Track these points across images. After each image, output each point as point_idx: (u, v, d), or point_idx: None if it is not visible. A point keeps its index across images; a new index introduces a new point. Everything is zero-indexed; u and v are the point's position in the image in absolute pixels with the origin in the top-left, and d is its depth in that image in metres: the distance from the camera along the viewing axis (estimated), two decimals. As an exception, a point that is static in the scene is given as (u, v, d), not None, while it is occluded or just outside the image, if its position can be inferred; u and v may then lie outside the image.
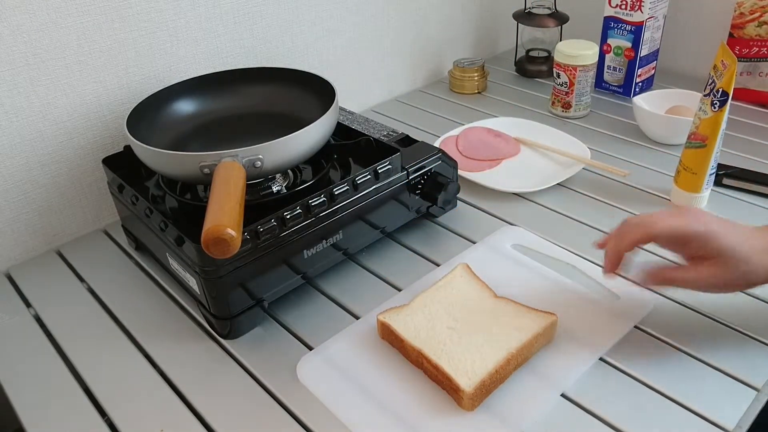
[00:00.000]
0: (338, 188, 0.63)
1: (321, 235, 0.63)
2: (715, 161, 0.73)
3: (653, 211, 0.56)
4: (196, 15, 0.81)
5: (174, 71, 0.81)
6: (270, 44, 0.90)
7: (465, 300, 0.61)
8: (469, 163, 0.88)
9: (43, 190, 0.75)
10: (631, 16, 1.00)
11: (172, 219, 0.62)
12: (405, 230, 0.75)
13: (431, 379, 0.55)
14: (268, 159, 0.59)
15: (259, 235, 0.58)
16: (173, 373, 0.59)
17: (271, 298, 0.62)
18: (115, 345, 0.63)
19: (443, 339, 0.56)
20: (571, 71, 0.98)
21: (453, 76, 1.13)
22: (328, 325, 0.63)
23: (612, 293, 0.64)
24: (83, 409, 0.56)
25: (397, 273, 0.69)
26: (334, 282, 0.68)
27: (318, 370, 0.57)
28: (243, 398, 0.56)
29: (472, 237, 0.75)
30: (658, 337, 0.59)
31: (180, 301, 0.67)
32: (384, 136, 0.77)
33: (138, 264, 0.74)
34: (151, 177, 0.72)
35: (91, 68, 0.74)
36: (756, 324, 0.60)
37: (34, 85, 0.70)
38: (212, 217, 0.48)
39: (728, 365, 0.56)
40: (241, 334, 0.62)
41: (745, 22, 0.99)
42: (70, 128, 0.75)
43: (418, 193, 0.72)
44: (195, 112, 0.76)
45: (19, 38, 0.68)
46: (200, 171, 0.58)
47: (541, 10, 1.13)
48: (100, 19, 0.73)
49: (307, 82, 0.74)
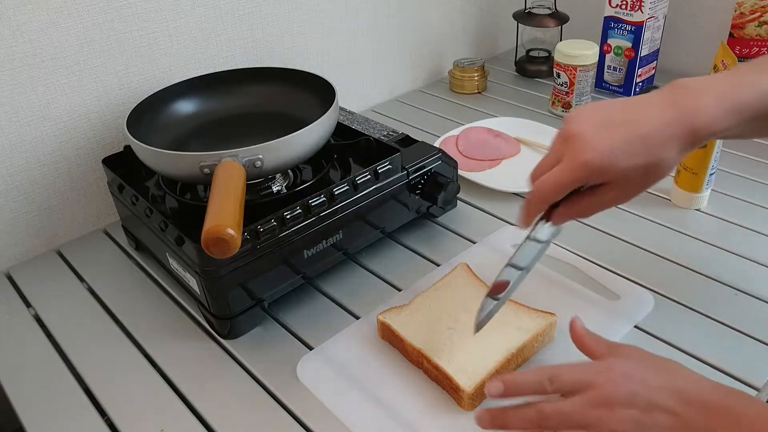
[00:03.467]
0: (338, 188, 0.63)
1: (321, 235, 0.63)
2: (716, 161, 0.73)
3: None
4: (196, 15, 0.81)
5: (174, 71, 0.81)
6: (270, 44, 0.90)
7: (465, 300, 0.61)
8: (469, 163, 0.88)
9: (43, 190, 0.75)
10: (631, 16, 1.00)
11: (172, 219, 0.62)
12: (405, 230, 0.75)
13: (431, 379, 0.55)
14: (268, 159, 0.59)
15: (259, 235, 0.58)
16: (173, 373, 0.59)
17: (271, 298, 0.62)
18: (115, 345, 0.63)
19: (443, 339, 0.56)
20: (571, 71, 0.98)
21: (453, 76, 1.13)
22: (328, 325, 0.62)
23: (612, 293, 0.64)
24: (83, 409, 0.56)
25: (397, 273, 0.69)
26: (334, 282, 0.68)
27: (318, 370, 0.57)
28: (243, 398, 0.56)
29: (472, 237, 0.74)
30: (658, 337, 0.59)
31: (180, 301, 0.67)
32: (384, 136, 0.77)
33: (138, 264, 0.74)
34: (151, 177, 0.72)
35: (91, 68, 0.74)
36: (756, 324, 0.60)
37: (34, 85, 0.70)
38: (212, 217, 0.48)
39: (728, 365, 0.56)
40: (241, 334, 0.62)
41: (745, 22, 0.99)
42: (70, 128, 0.75)
43: (418, 193, 0.72)
44: (195, 112, 0.76)
45: (19, 38, 0.68)
46: (200, 171, 0.58)
47: (541, 10, 1.13)
48: (100, 19, 0.73)
49: (307, 82, 0.74)
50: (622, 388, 0.43)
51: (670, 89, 0.48)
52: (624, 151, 0.45)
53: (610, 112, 0.48)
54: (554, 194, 0.48)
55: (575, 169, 0.46)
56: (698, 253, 0.70)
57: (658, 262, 0.69)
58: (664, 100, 0.47)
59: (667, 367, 0.46)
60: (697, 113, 0.46)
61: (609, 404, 0.43)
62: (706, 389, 0.43)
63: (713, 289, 0.65)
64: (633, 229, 0.74)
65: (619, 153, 0.45)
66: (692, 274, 0.67)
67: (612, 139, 0.46)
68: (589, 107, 0.49)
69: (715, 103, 0.46)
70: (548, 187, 0.47)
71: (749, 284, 0.65)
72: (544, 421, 0.44)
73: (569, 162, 0.46)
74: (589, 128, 0.47)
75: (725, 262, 0.68)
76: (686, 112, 0.46)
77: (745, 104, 0.46)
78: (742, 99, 0.46)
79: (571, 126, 0.48)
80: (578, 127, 0.47)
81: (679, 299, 0.63)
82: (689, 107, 0.46)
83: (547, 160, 0.49)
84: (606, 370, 0.45)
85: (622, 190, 0.48)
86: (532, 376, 0.46)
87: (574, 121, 0.48)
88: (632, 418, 0.42)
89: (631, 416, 0.42)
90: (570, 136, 0.47)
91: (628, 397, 0.43)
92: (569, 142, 0.47)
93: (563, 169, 0.47)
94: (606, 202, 0.49)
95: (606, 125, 0.47)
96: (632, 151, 0.46)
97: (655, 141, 0.46)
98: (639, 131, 0.46)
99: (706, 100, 0.46)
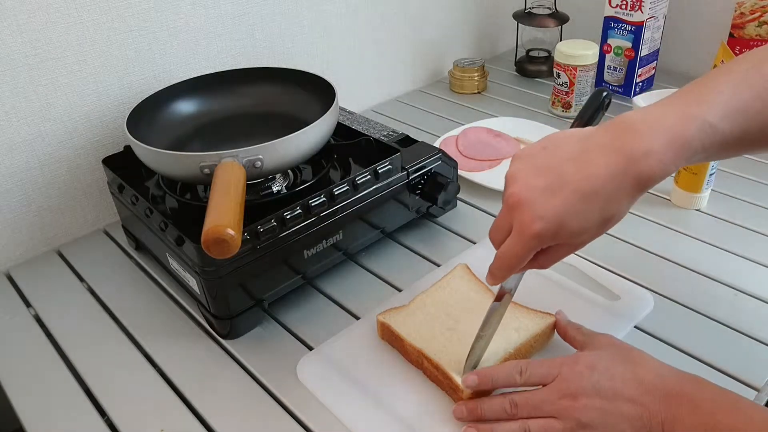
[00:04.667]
0: (338, 188, 0.63)
1: (321, 235, 0.63)
2: (716, 161, 0.73)
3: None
4: (196, 15, 0.81)
5: (174, 71, 0.81)
6: (270, 44, 0.90)
7: (464, 300, 0.61)
8: (469, 163, 0.88)
9: (43, 190, 0.75)
10: (631, 16, 1.00)
11: (172, 219, 0.62)
12: (405, 230, 0.75)
13: (431, 379, 0.55)
14: (268, 159, 0.59)
15: (259, 235, 0.58)
16: (173, 373, 0.59)
17: (271, 298, 0.62)
18: (115, 345, 0.63)
19: (443, 339, 0.56)
20: (571, 71, 0.98)
21: (453, 76, 1.13)
22: (328, 325, 0.63)
23: (612, 293, 0.64)
24: (83, 409, 0.56)
25: (397, 273, 0.69)
26: (334, 282, 0.68)
27: (318, 370, 0.57)
28: (243, 398, 0.56)
29: (472, 237, 0.75)
30: (658, 337, 0.59)
31: (180, 301, 0.67)
32: (384, 136, 0.77)
33: (138, 264, 0.74)
34: (151, 177, 0.72)
35: (91, 68, 0.74)
36: (756, 324, 0.60)
37: (34, 85, 0.70)
38: (212, 217, 0.48)
39: (728, 365, 0.56)
40: (241, 334, 0.62)
41: (745, 22, 0.99)
42: (70, 128, 0.75)
43: (418, 193, 0.72)
44: (195, 112, 0.76)
45: (19, 38, 0.68)
46: (200, 171, 0.58)
47: (541, 10, 1.13)
48: (100, 19, 0.73)
49: (307, 82, 0.74)
50: (586, 379, 0.47)
51: (615, 129, 0.45)
52: (574, 215, 0.44)
53: (555, 166, 0.45)
54: (516, 265, 0.47)
55: (528, 240, 0.45)
56: (698, 253, 0.70)
57: (658, 262, 0.69)
58: (610, 144, 0.44)
59: (632, 357, 0.49)
60: (646, 159, 0.43)
61: (574, 394, 0.46)
62: (667, 378, 0.47)
63: (713, 289, 0.65)
64: (633, 229, 0.74)
65: (569, 218, 0.44)
66: (692, 274, 0.67)
67: (559, 205, 0.44)
68: (529, 160, 0.47)
69: (663, 145, 0.43)
70: (507, 260, 0.47)
71: (749, 284, 0.65)
72: (515, 410, 0.48)
73: (521, 235, 0.45)
74: (533, 194, 0.45)
75: (725, 262, 0.68)
76: (633, 159, 0.43)
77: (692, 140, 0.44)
78: (688, 135, 0.43)
79: (514, 189, 0.46)
80: (523, 192, 0.45)
81: (679, 299, 0.63)
82: (636, 154, 0.43)
83: (499, 223, 0.48)
84: (572, 363, 0.48)
85: (577, 245, 0.48)
86: (504, 369, 0.50)
87: (518, 182, 0.46)
88: (596, 407, 0.46)
89: (595, 405, 0.46)
90: (516, 204, 0.45)
91: (592, 387, 0.46)
92: (516, 211, 0.45)
93: (516, 242, 0.46)
94: (562, 256, 0.49)
95: (551, 188, 0.44)
96: (582, 212, 0.44)
97: (604, 197, 0.44)
98: (585, 189, 0.43)
99: (653, 142, 0.43)
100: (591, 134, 0.46)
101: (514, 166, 0.48)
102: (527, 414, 0.48)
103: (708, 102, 0.44)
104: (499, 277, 0.49)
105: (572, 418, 0.46)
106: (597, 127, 0.46)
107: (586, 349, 0.52)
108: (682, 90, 0.46)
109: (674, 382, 0.46)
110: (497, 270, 0.48)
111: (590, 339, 0.53)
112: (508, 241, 0.46)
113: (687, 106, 0.44)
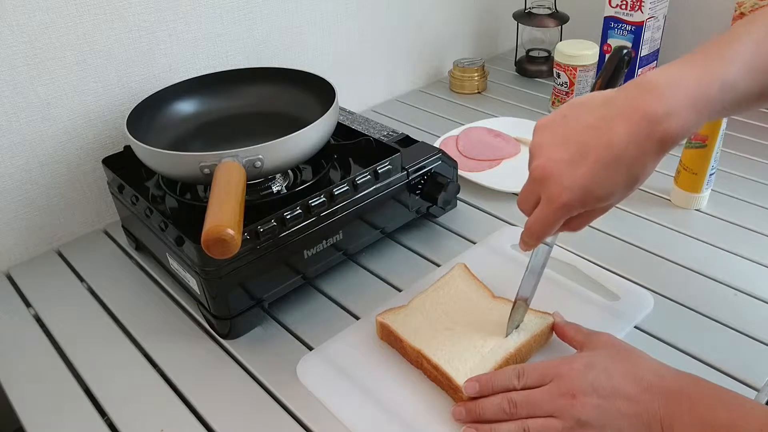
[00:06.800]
0: (338, 188, 0.63)
1: (321, 235, 0.63)
2: (716, 161, 0.73)
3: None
4: (196, 15, 0.81)
5: (174, 71, 0.81)
6: (270, 44, 0.90)
7: (463, 300, 0.61)
8: (469, 163, 0.88)
9: (43, 190, 0.75)
10: (631, 16, 1.00)
11: (172, 219, 0.62)
12: (405, 230, 0.75)
13: (431, 379, 0.55)
14: (268, 159, 0.59)
15: (259, 235, 0.58)
16: (173, 373, 0.59)
17: (271, 298, 0.62)
18: (115, 345, 0.63)
19: (442, 339, 0.56)
20: (571, 71, 0.98)
21: (453, 76, 1.13)
22: (328, 325, 0.63)
23: (612, 293, 0.64)
24: (83, 409, 0.56)
25: (397, 273, 0.69)
26: (334, 282, 0.68)
27: (318, 370, 0.57)
28: (243, 398, 0.56)
29: (472, 237, 0.75)
30: (658, 337, 0.59)
31: (180, 301, 0.67)
32: (384, 136, 0.77)
33: (138, 264, 0.74)
34: (151, 177, 0.72)
35: (91, 68, 0.74)
36: (756, 324, 0.60)
37: (34, 85, 0.70)
38: (212, 217, 0.48)
39: (728, 365, 0.56)
40: (241, 334, 0.62)
41: (745, 22, 0.99)
42: (70, 128, 0.75)
43: (418, 193, 0.72)
44: (195, 112, 0.76)
45: (19, 38, 0.68)
46: (200, 171, 0.58)
47: (541, 10, 1.13)
48: (100, 19, 0.73)
49: (307, 82, 0.74)
50: (584, 378, 0.47)
51: (635, 90, 0.44)
52: (599, 183, 0.44)
53: (577, 135, 0.45)
54: (545, 233, 0.48)
55: (557, 210, 0.46)
56: (698, 253, 0.70)
57: (658, 262, 0.69)
58: (630, 107, 0.44)
59: (630, 356, 0.49)
60: (668, 120, 0.42)
61: (572, 393, 0.47)
62: (666, 376, 0.47)
63: (713, 289, 0.65)
64: (633, 229, 0.74)
65: (595, 186, 0.44)
66: (692, 274, 0.67)
67: (585, 175, 0.44)
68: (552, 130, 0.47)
69: (685, 106, 0.43)
70: (538, 228, 0.48)
71: (749, 284, 0.65)
72: (514, 409, 0.48)
73: (550, 205, 0.46)
74: (559, 166, 0.45)
75: (725, 262, 0.68)
76: (656, 121, 0.42)
77: (713, 99, 0.44)
78: (710, 94, 0.44)
79: (540, 162, 0.46)
80: (548, 165, 0.46)
81: (678, 299, 0.63)
82: (658, 115, 0.42)
83: (527, 194, 0.48)
84: (570, 362, 0.49)
85: (607, 207, 0.48)
86: (503, 373, 0.50)
87: (542, 154, 0.46)
88: (594, 405, 0.46)
89: (593, 403, 0.46)
90: (542, 177, 0.46)
91: (591, 385, 0.47)
92: (543, 183, 0.46)
93: (546, 212, 0.46)
94: (593, 218, 0.50)
95: (574, 159, 0.45)
96: (607, 179, 0.44)
97: (628, 162, 0.44)
98: (608, 158, 0.44)
99: (675, 102, 0.43)
100: (611, 98, 0.45)
101: (537, 137, 0.48)
102: (526, 413, 0.48)
103: (729, 61, 0.44)
104: (531, 245, 0.50)
105: (571, 416, 0.46)
106: (617, 90, 0.46)
107: (585, 349, 0.52)
108: (703, 48, 0.46)
109: (672, 381, 0.46)
110: (529, 239, 0.49)
111: (589, 338, 0.53)
112: (537, 211, 0.47)
113: (708, 65, 0.45)
